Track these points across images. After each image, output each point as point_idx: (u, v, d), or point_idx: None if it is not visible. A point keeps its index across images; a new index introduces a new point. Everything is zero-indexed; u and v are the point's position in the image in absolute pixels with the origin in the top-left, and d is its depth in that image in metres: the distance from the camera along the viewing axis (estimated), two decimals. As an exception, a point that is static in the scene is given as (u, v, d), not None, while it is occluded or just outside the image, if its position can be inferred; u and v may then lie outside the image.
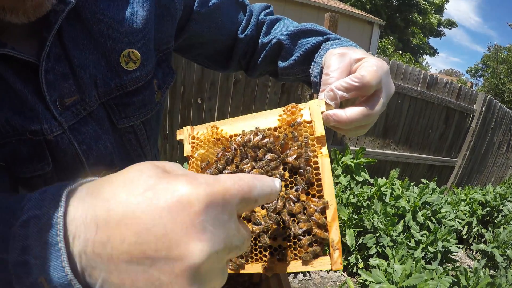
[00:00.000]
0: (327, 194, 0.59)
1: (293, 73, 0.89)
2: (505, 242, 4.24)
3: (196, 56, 0.97)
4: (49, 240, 0.30)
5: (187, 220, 0.29)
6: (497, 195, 5.28)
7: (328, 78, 0.64)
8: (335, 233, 0.57)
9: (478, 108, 6.03)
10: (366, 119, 0.61)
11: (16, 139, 0.58)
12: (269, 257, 0.61)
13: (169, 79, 0.82)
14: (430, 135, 5.69)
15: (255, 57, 0.96)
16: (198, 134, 0.69)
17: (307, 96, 4.07)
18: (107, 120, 0.70)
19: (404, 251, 3.15)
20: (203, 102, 3.66)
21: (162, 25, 0.74)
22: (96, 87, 0.65)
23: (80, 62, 0.61)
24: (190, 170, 0.66)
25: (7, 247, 0.31)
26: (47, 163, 0.63)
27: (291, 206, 0.59)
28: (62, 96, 0.61)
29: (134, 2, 0.66)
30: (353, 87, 0.59)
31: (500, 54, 25.35)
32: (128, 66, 0.67)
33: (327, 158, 0.60)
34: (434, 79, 5.24)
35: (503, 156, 8.43)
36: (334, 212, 0.58)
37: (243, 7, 0.93)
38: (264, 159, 0.61)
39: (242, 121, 0.67)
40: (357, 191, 3.83)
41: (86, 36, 0.61)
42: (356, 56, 0.65)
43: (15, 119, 0.56)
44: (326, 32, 0.86)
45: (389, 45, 19.35)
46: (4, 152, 0.59)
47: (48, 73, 0.58)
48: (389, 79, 0.65)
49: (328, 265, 0.57)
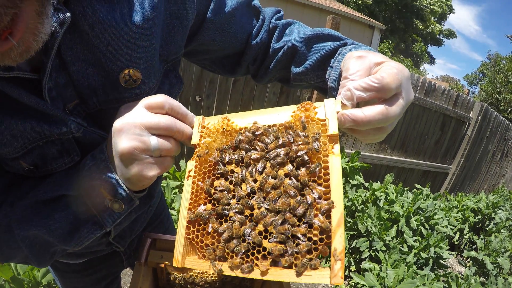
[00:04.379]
0: (335, 196, 0.54)
1: (307, 79, 0.86)
2: (496, 250, 4.28)
3: (203, 60, 0.94)
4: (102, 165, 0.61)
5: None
6: (489, 203, 5.33)
7: (347, 81, 0.60)
8: (338, 241, 0.52)
9: (475, 116, 6.07)
10: (385, 120, 0.56)
11: (44, 141, 0.61)
12: (262, 260, 0.57)
13: (176, 89, 0.80)
14: (426, 141, 5.72)
15: (266, 63, 0.92)
16: (209, 124, 0.67)
17: (305, 98, 4.07)
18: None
19: (396, 256, 3.16)
20: (201, 99, 3.64)
21: (172, 36, 0.71)
22: (96, 96, 0.64)
23: (79, 75, 0.61)
24: (196, 158, 0.65)
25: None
26: (77, 155, 0.66)
27: (289, 201, 0.56)
28: (65, 103, 0.62)
29: (140, 11, 0.62)
30: (372, 87, 0.55)
31: (498, 63, 25.55)
32: (128, 85, 0.65)
33: (338, 157, 0.56)
34: (432, 86, 5.27)
35: (497, 164, 8.50)
36: (340, 217, 0.53)
37: (257, 13, 0.89)
38: (273, 151, 0.60)
39: (254, 115, 0.65)
40: (352, 195, 3.84)
41: (85, 47, 0.59)
42: (376, 59, 0.61)
43: (41, 126, 0.59)
44: (342, 37, 0.82)
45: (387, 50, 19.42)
46: (34, 156, 0.62)
47: (51, 91, 0.58)
48: (409, 85, 0.60)
49: (327, 278, 0.51)
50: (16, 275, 2.12)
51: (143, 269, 0.84)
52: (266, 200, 0.58)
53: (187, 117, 0.66)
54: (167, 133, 0.61)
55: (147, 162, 0.59)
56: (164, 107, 0.62)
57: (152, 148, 0.59)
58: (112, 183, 0.61)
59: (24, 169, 0.64)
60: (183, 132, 0.64)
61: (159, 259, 0.85)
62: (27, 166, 0.63)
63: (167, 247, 0.88)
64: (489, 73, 26.88)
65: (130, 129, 0.58)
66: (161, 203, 1.23)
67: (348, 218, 3.60)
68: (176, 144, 0.64)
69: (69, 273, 1.10)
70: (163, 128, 0.60)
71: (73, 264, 1.06)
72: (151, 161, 0.60)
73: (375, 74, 0.57)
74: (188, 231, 0.63)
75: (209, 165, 0.65)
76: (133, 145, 0.58)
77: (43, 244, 0.65)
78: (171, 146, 0.62)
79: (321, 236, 0.54)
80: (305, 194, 0.56)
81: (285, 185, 0.58)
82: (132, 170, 0.59)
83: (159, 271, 0.88)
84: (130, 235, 1.00)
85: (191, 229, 0.63)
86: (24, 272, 2.15)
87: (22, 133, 0.58)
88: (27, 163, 0.63)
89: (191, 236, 0.63)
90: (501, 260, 4.11)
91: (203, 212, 0.62)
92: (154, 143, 0.59)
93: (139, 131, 0.58)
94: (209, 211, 0.62)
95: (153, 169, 0.60)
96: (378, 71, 0.58)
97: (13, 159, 0.61)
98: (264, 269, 0.55)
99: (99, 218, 0.64)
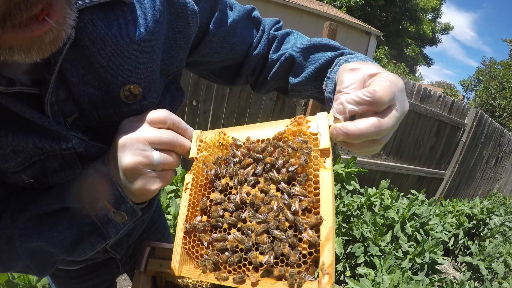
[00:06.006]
0: (324, 210, 0.54)
1: (304, 90, 0.86)
2: (490, 255, 4.31)
3: (202, 71, 0.94)
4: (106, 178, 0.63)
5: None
6: (484, 208, 5.37)
7: (340, 95, 0.59)
8: (327, 256, 0.51)
9: (469, 122, 6.13)
10: (378, 132, 0.55)
11: (45, 156, 0.61)
12: (253, 272, 0.58)
13: (177, 103, 0.79)
14: (421, 147, 5.76)
15: (264, 73, 0.92)
16: (206, 138, 0.69)
17: (301, 104, 4.10)
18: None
19: (391, 261, 3.17)
20: (198, 104, 3.66)
21: (174, 50, 0.71)
22: (96, 110, 0.65)
23: (79, 89, 0.61)
24: (193, 171, 0.67)
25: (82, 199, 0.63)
26: (78, 167, 0.66)
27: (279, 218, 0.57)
28: (65, 117, 0.62)
29: (142, 27, 0.62)
30: (364, 101, 0.55)
31: (493, 70, 25.76)
32: (128, 100, 0.66)
33: (329, 172, 0.56)
34: (428, 92, 5.32)
35: (491, 170, 8.56)
36: (329, 232, 0.52)
37: (257, 24, 0.89)
38: (264, 166, 0.61)
39: (250, 129, 0.66)
40: (347, 200, 3.86)
41: (86, 62, 0.59)
42: (370, 71, 0.61)
43: (42, 142, 0.59)
44: (340, 47, 0.82)
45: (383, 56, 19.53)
46: (34, 170, 0.63)
47: (53, 106, 0.59)
48: (404, 96, 0.60)
49: None
50: (11, 278, 2.11)
51: (142, 278, 0.85)
52: (258, 213, 0.60)
53: (187, 132, 0.69)
54: (169, 147, 0.63)
55: (150, 176, 0.61)
56: (166, 122, 0.64)
57: (155, 162, 0.61)
58: (115, 195, 0.63)
59: (24, 182, 0.64)
60: (184, 146, 0.66)
61: (158, 268, 0.86)
62: (28, 179, 0.64)
63: (166, 255, 0.89)
64: (484, 79, 27.08)
65: (134, 145, 0.60)
66: (157, 210, 1.24)
67: (343, 223, 3.62)
68: (177, 157, 0.66)
69: (65, 279, 1.11)
70: (165, 143, 0.62)
71: (70, 271, 1.07)
72: (154, 175, 0.62)
73: (368, 88, 0.56)
74: (185, 241, 0.65)
75: (205, 178, 0.67)
76: (137, 160, 0.59)
77: (45, 255, 0.66)
78: (173, 160, 0.64)
79: (310, 250, 0.55)
80: (291, 203, 0.58)
81: (278, 198, 0.59)
82: (136, 185, 0.61)
83: (158, 279, 0.89)
84: (127, 242, 1.00)
85: (187, 239, 0.65)
86: (19, 276, 2.15)
87: (24, 149, 0.58)
88: (28, 176, 0.63)
89: (188, 246, 0.65)
90: (495, 265, 4.14)
91: (198, 224, 0.64)
92: (157, 158, 0.61)
93: (143, 146, 0.60)
94: (204, 223, 0.64)
95: (156, 183, 0.62)
96: (371, 84, 0.58)
97: (13, 172, 0.62)
98: (255, 280, 0.56)
99: (103, 229, 0.65)
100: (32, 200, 0.65)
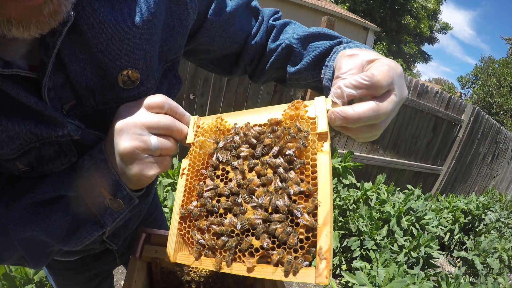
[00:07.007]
0: (321, 194, 0.53)
1: (303, 78, 0.85)
2: (485, 250, 4.35)
3: (201, 60, 0.93)
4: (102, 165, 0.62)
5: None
6: (479, 204, 5.40)
7: (338, 80, 0.59)
8: (324, 240, 0.50)
9: (466, 118, 6.15)
10: (376, 116, 0.55)
11: (41, 143, 0.60)
12: (249, 257, 0.57)
13: (175, 90, 0.79)
14: (418, 142, 5.78)
15: (263, 63, 0.92)
16: (203, 124, 0.69)
17: (299, 97, 4.09)
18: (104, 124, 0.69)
19: (387, 255, 3.19)
20: (195, 97, 3.65)
21: (172, 36, 0.70)
22: (93, 96, 0.64)
23: (77, 75, 0.60)
24: (190, 156, 0.67)
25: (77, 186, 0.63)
26: (74, 155, 0.66)
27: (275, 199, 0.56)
28: (62, 103, 0.61)
29: (141, 12, 0.61)
30: (362, 85, 0.54)
31: (491, 67, 25.84)
32: (126, 85, 0.65)
33: (326, 155, 0.55)
34: (425, 88, 5.32)
35: (488, 166, 8.62)
36: (326, 216, 0.51)
37: (255, 13, 0.89)
38: (262, 149, 0.61)
39: (248, 114, 0.66)
40: (344, 194, 3.87)
41: (84, 47, 0.58)
42: (369, 57, 0.60)
43: (38, 128, 0.58)
44: (338, 36, 0.81)
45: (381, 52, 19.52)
46: (30, 157, 0.62)
47: (50, 92, 0.58)
48: (402, 82, 0.59)
49: (312, 277, 0.50)
50: (8, 271, 2.11)
51: (137, 263, 0.85)
52: (255, 197, 0.59)
53: (185, 117, 0.68)
54: (167, 132, 0.63)
55: (147, 161, 0.61)
56: (163, 107, 0.63)
57: (153, 147, 0.60)
58: (112, 182, 0.62)
59: (19, 170, 0.63)
60: (181, 131, 0.66)
61: (153, 254, 0.86)
62: (23, 168, 0.62)
63: (162, 242, 0.89)
64: (482, 77, 27.17)
65: (131, 129, 0.59)
66: (154, 201, 1.24)
67: (339, 217, 3.63)
68: (175, 143, 0.65)
69: (62, 270, 1.10)
70: (163, 127, 0.62)
71: (66, 262, 1.06)
72: (151, 160, 0.61)
73: (366, 72, 0.56)
74: (180, 227, 0.64)
75: (202, 164, 0.67)
76: (134, 144, 0.59)
77: (40, 245, 0.65)
78: (171, 145, 0.63)
79: (307, 234, 0.54)
80: (288, 187, 0.57)
81: (274, 181, 0.58)
82: (133, 170, 0.60)
83: (153, 265, 0.89)
84: (124, 233, 1.00)
85: (183, 225, 0.64)
86: (16, 269, 2.14)
87: (19, 135, 0.57)
88: (23, 164, 0.62)
89: (183, 232, 0.64)
90: (490, 260, 4.17)
91: (194, 209, 0.63)
92: (154, 143, 0.60)
93: (140, 131, 0.59)
94: (200, 208, 0.63)
95: (153, 168, 0.62)
96: (369, 69, 0.57)
97: (8, 160, 0.60)
98: (250, 265, 0.56)
99: (99, 217, 0.65)
100: (27, 189, 0.63)
